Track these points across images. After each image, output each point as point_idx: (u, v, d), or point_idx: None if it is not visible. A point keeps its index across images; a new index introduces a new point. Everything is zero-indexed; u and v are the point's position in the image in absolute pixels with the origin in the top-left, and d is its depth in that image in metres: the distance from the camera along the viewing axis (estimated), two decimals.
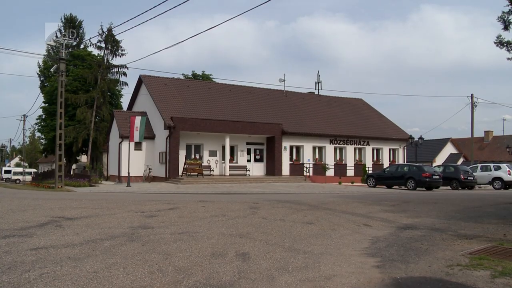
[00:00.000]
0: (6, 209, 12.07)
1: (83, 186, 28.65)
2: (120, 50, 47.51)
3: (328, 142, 38.36)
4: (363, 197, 18.16)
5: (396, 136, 42.00)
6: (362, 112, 45.54)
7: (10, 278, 4.81)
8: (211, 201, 14.39)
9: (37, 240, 6.98)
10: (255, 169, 35.30)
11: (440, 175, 26.87)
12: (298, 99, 43.45)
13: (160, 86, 36.67)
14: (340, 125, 40.30)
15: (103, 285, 4.59)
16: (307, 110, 41.33)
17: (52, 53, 50.97)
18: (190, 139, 32.86)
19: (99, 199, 15.98)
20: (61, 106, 28.87)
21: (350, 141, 39.46)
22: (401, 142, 42.19)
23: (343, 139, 39.06)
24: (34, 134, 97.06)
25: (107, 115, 46.17)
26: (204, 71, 60.00)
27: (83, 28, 60.49)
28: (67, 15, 59.43)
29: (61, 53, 29.65)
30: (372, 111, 47.09)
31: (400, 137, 42.08)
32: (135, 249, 6.37)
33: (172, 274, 5.07)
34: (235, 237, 7.44)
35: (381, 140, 41.09)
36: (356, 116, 43.70)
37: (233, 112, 36.08)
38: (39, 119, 56.34)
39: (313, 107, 42.51)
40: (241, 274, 5.10)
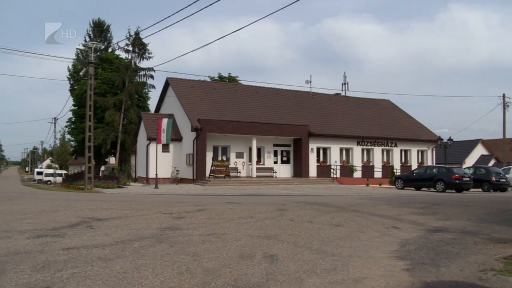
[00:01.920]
0: (39, 209, 12.33)
1: (111, 188, 29.01)
2: (147, 53, 48.03)
3: (356, 144, 38.02)
4: (391, 199, 17.93)
5: (424, 137, 41.36)
6: (389, 113, 45.00)
7: (44, 276, 4.91)
8: (239, 203, 14.41)
9: (68, 240, 7.09)
10: (282, 171, 35.22)
11: (470, 177, 26.33)
12: (325, 101, 43.20)
13: (187, 88, 36.90)
14: (367, 126, 39.90)
15: (132, 285, 4.63)
16: (334, 111, 41.05)
17: (81, 57, 51.90)
18: (217, 141, 32.97)
19: (128, 201, 16.18)
20: (90, 109, 29.32)
21: (378, 142, 39.04)
22: (429, 144, 41.51)
23: (370, 141, 38.66)
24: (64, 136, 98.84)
25: (135, 118, 46.70)
26: (230, 73, 60.24)
27: (110, 32, 61.50)
28: (96, 20, 60.46)
29: (90, 57, 30.12)
30: (399, 112, 46.49)
31: (429, 138, 41.41)
32: (163, 250, 6.41)
33: (201, 275, 5.09)
34: (262, 239, 7.43)
35: (409, 142, 40.51)
36: (383, 117, 43.22)
37: (260, 113, 36.06)
38: (69, 122, 57.42)
39: (340, 109, 42.21)
40: (269, 276, 5.08)
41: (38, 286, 4.54)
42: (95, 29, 59.95)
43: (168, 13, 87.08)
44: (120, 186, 30.31)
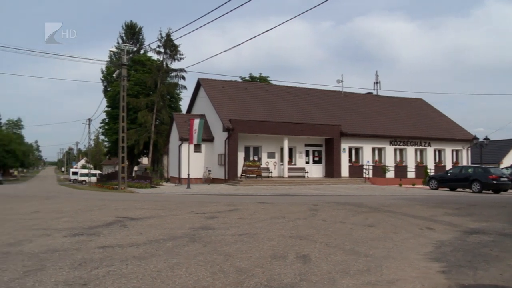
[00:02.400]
0: (75, 209, 12.60)
1: (144, 188, 29.42)
2: (178, 55, 48.55)
3: (388, 143, 37.57)
4: (425, 200, 17.64)
5: (459, 137, 40.51)
6: (422, 112, 44.26)
7: (81, 273, 5.02)
8: (271, 203, 14.42)
9: (103, 239, 7.23)
10: (313, 171, 35.07)
11: (508, 177, 25.65)
12: (357, 100, 42.84)
13: (218, 88, 37.12)
14: (400, 126, 39.35)
15: (166, 284, 4.69)
16: (366, 110, 40.66)
17: (114, 59, 52.81)
18: (249, 141, 33.05)
19: (161, 200, 16.38)
20: (123, 110, 29.80)
21: (411, 142, 38.46)
22: (464, 143, 40.64)
23: (403, 140, 38.12)
24: (98, 137, 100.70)
25: (167, 118, 47.23)
26: (261, 73, 60.32)
27: (142, 34, 62.38)
28: (128, 22, 61.39)
29: (122, 59, 30.61)
30: (433, 111, 45.68)
31: (464, 138, 40.54)
32: (196, 249, 6.47)
33: (234, 275, 5.11)
34: (295, 239, 7.42)
35: (444, 141, 39.76)
36: (416, 116, 42.53)
37: (291, 113, 35.99)
38: (103, 123, 58.46)
39: (372, 108, 41.77)
40: (302, 277, 5.07)
41: (76, 283, 4.65)
42: (128, 32, 60.89)
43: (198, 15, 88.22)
44: (152, 186, 30.71)
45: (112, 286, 4.54)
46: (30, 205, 14.32)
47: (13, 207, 13.62)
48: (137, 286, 4.58)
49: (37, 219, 10.00)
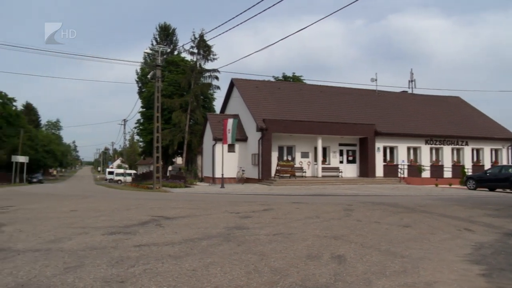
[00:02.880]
0: (112, 208, 12.84)
1: (179, 187, 29.71)
2: (211, 55, 48.83)
3: (424, 143, 36.91)
4: (463, 200, 17.27)
5: (498, 136, 39.43)
6: (459, 111, 43.30)
7: (118, 271, 5.11)
8: (305, 203, 14.38)
9: (139, 238, 7.34)
10: (347, 171, 34.77)
11: None
12: (391, 99, 42.26)
13: (252, 88, 37.20)
14: (436, 125, 38.59)
15: (202, 283, 4.72)
16: (400, 109, 40.07)
17: (148, 60, 53.54)
18: (282, 140, 33.02)
19: (195, 200, 16.53)
20: (157, 110, 30.18)
21: (447, 141, 37.68)
22: (504, 142, 39.55)
23: (439, 139, 37.39)
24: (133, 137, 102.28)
25: (200, 118, 47.58)
26: (294, 73, 60.17)
27: (176, 35, 63.04)
28: (162, 24, 62.15)
29: (157, 60, 31.01)
30: (470, 109, 44.63)
31: (504, 137, 39.45)
32: (231, 249, 6.50)
33: (268, 274, 5.11)
34: (330, 239, 7.37)
35: (482, 140, 38.77)
36: (453, 115, 41.63)
37: (325, 113, 35.78)
38: (138, 123, 59.31)
39: (407, 107, 41.12)
40: (337, 277, 5.03)
41: (114, 280, 4.73)
42: (162, 33, 61.64)
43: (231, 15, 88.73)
44: (187, 186, 30.99)
45: (149, 284, 4.61)
46: (69, 204, 14.66)
47: (53, 206, 13.97)
48: (173, 284, 4.63)
49: (76, 218, 10.24)
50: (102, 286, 4.50)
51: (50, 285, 4.55)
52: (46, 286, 4.52)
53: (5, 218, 10.10)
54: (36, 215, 11.03)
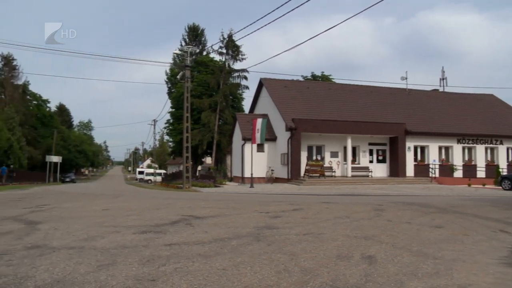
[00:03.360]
0: (143, 207, 13.01)
1: (208, 187, 29.90)
2: (240, 55, 48.98)
3: (456, 142, 36.23)
4: (497, 201, 16.87)
5: None
6: (493, 109, 42.32)
7: (149, 270, 5.18)
8: (334, 203, 14.29)
9: (170, 237, 7.41)
10: (377, 170, 34.42)
11: None
12: (422, 97, 41.61)
13: (280, 88, 37.17)
14: (468, 123, 37.81)
15: (232, 282, 4.74)
16: (431, 108, 39.41)
17: (178, 61, 54.02)
18: (312, 140, 32.90)
19: (225, 200, 16.60)
20: (187, 111, 30.43)
21: (481, 140, 36.87)
22: None
23: (472, 138, 36.62)
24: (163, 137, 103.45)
25: (229, 118, 47.77)
26: (323, 72, 59.86)
27: (205, 35, 63.34)
28: (191, 25, 62.58)
29: (186, 61, 31.27)
30: (505, 107, 43.56)
31: None
32: (261, 248, 6.50)
33: (298, 274, 5.10)
34: (360, 239, 7.31)
35: None
36: (486, 113, 40.71)
37: (354, 112, 35.50)
38: (167, 123, 59.86)
39: (438, 105, 40.42)
40: (368, 278, 4.98)
41: (145, 278, 4.79)
42: (190, 34, 62.07)
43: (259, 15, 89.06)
44: (216, 185, 31.18)
45: (179, 283, 4.65)
46: (101, 203, 14.92)
47: (86, 205, 14.24)
48: (203, 283, 4.66)
49: (108, 217, 10.41)
50: (134, 284, 4.57)
51: (84, 282, 4.64)
52: (80, 283, 4.61)
53: (41, 217, 10.35)
54: (70, 213, 11.27)
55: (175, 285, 4.56)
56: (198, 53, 53.11)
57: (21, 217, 10.27)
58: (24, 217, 10.38)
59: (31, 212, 11.57)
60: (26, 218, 10.04)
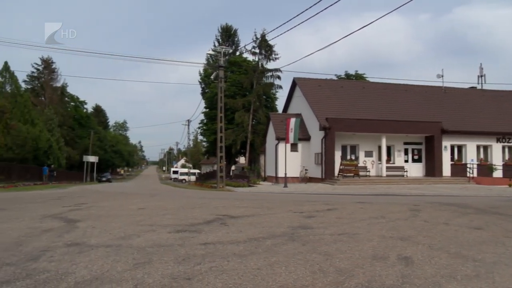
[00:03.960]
0: (177, 206, 13.14)
1: (242, 187, 30.00)
2: (273, 55, 48.98)
3: (495, 141, 35.34)
4: None
5: None
6: None
7: (185, 268, 5.22)
8: (369, 203, 14.13)
9: (205, 236, 7.46)
10: (413, 170, 33.90)
11: None
12: (459, 95, 40.72)
13: (314, 87, 37.02)
14: (509, 121, 36.76)
15: (266, 281, 4.73)
16: (469, 106, 38.54)
17: (211, 61, 54.42)
18: (346, 139, 32.66)
19: (259, 199, 16.63)
20: (221, 111, 30.61)
21: None
22: None
23: None
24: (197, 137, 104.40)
25: (263, 118, 47.83)
26: (357, 71, 59.36)
27: (238, 36, 63.73)
28: (223, 25, 62.98)
29: (219, 61, 31.48)
30: None
31: None
32: (295, 248, 6.48)
33: (333, 274, 5.06)
34: (396, 240, 7.19)
35: None
36: None
37: (389, 111, 35.07)
38: (201, 123, 60.42)
39: (476, 103, 39.49)
40: (404, 279, 4.90)
41: (181, 277, 4.83)
42: (223, 34, 62.46)
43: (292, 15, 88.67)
44: (250, 185, 31.26)
45: (214, 282, 4.67)
46: (137, 202, 15.14)
47: (122, 204, 14.48)
48: (239, 282, 4.67)
49: (144, 215, 10.55)
50: (170, 283, 4.61)
51: (121, 279, 4.72)
52: (118, 280, 4.69)
53: (79, 215, 10.58)
54: (107, 212, 11.48)
55: (210, 284, 4.58)
56: (231, 53, 53.39)
57: (60, 215, 10.53)
58: (64, 215, 10.64)
59: (70, 210, 11.84)
60: (66, 216, 10.28)
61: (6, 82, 52.03)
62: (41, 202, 15.33)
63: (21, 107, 48.24)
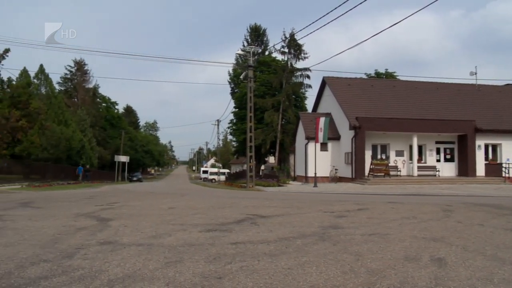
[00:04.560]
0: (208, 206, 13.21)
1: (272, 186, 29.99)
2: (302, 54, 48.87)
3: None
4: None
5: None
6: None
7: (216, 267, 5.25)
8: (400, 203, 13.95)
9: (235, 235, 7.48)
10: (445, 170, 33.32)
11: None
12: (494, 93, 39.82)
13: (344, 86, 36.76)
14: None
15: (297, 281, 4.71)
16: (504, 104, 37.64)
17: (240, 61, 54.61)
18: (376, 139, 32.33)
19: (289, 199, 16.60)
20: (250, 110, 30.66)
21: None
22: None
23: None
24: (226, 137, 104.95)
25: (292, 118, 47.74)
26: (387, 69, 58.62)
27: (267, 35, 63.76)
28: (252, 25, 63.09)
29: (248, 61, 31.53)
30: None
31: None
32: (326, 248, 6.44)
33: (365, 275, 5.00)
34: (428, 241, 7.07)
35: None
36: None
37: (420, 109, 34.56)
38: (231, 123, 60.74)
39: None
40: (437, 281, 4.80)
41: (211, 276, 4.86)
42: (252, 34, 62.57)
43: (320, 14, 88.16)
44: (279, 185, 31.23)
45: (245, 281, 4.67)
46: (167, 202, 15.29)
47: (153, 203, 14.63)
48: (269, 282, 4.66)
49: (174, 215, 10.65)
50: (201, 281, 4.64)
51: (153, 278, 4.77)
52: (150, 278, 4.75)
53: (111, 214, 10.74)
54: (139, 211, 11.62)
55: (241, 284, 4.59)
56: (260, 53, 53.39)
57: (93, 214, 10.71)
58: (96, 214, 10.82)
59: (102, 209, 12.03)
60: (98, 215, 10.45)
61: (41, 84, 53.44)
62: (74, 201, 15.62)
63: (55, 108, 49.45)
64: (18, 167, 39.75)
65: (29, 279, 4.78)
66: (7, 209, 12.46)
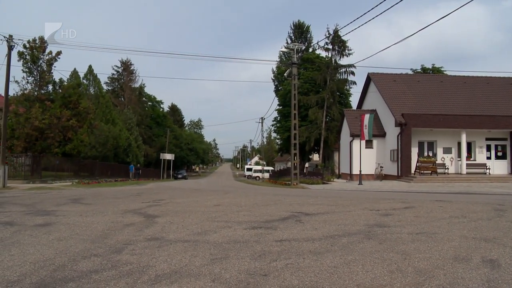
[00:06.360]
0: (252, 203, 13.27)
1: (316, 184, 29.85)
2: (346, 50, 48.30)
3: None
4: None
5: None
6: None
7: (261, 265, 5.27)
8: (448, 201, 13.60)
9: (280, 233, 7.48)
10: (496, 167, 32.26)
11: None
12: None
13: (389, 83, 36.16)
14: None
15: (343, 280, 4.67)
16: None
17: (284, 59, 54.45)
18: (423, 135, 31.65)
19: (333, 196, 16.47)
20: (294, 108, 30.58)
21: None
22: None
23: None
24: (270, 134, 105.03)
25: (337, 115, 47.33)
26: (434, 64, 57.16)
27: (310, 32, 63.37)
28: (296, 22, 62.81)
29: (292, 58, 31.44)
30: None
31: None
32: (372, 247, 6.35)
33: (412, 275, 4.91)
34: (479, 241, 6.86)
35: None
36: None
37: (469, 105, 33.59)
38: (275, 121, 60.74)
39: None
40: (490, 284, 4.64)
41: (257, 273, 4.88)
42: (296, 31, 62.30)
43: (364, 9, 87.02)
44: (324, 182, 31.05)
45: (291, 279, 4.67)
46: (212, 199, 15.43)
47: (198, 200, 14.80)
48: (315, 280, 4.65)
49: (219, 212, 10.74)
50: (246, 278, 4.67)
51: (199, 274, 4.84)
52: (196, 274, 4.81)
53: (158, 211, 10.94)
54: (184, 208, 11.78)
55: (287, 281, 4.59)
56: (304, 50, 53.12)
57: (140, 211, 10.94)
58: (143, 210, 11.04)
59: (149, 206, 12.27)
60: (145, 212, 10.66)
61: (90, 85, 55.05)
62: (122, 198, 15.99)
63: (103, 108, 50.90)
64: (69, 164, 41.15)
65: (81, 272, 4.97)
66: (59, 205, 12.91)
